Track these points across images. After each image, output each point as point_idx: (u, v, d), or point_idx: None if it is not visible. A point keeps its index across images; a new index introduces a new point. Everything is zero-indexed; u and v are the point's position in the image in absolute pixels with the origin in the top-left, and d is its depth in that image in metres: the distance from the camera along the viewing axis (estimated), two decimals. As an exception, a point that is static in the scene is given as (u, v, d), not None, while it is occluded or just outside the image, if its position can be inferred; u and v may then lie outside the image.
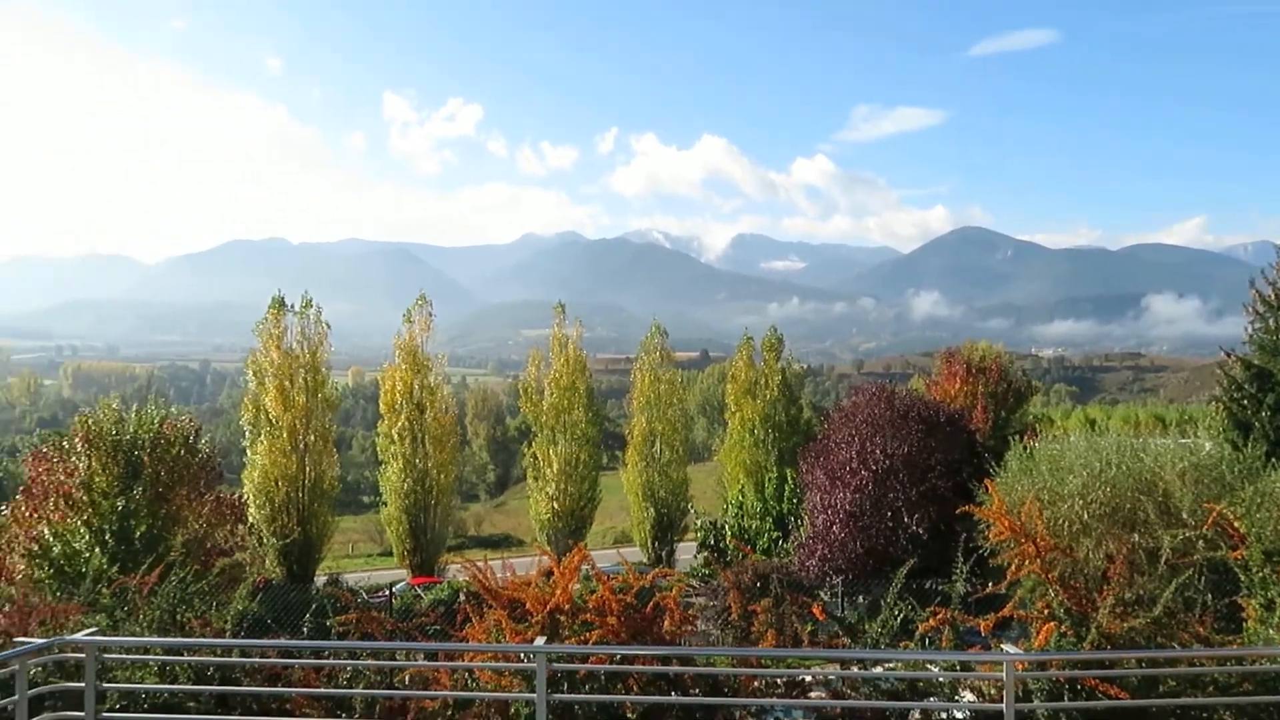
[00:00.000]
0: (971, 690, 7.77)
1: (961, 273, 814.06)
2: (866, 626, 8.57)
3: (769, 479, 36.23)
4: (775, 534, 33.20)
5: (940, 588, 13.55)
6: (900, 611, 8.24)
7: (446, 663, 8.33)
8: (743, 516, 35.74)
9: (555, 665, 7.11)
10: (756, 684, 7.94)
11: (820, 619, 9.02)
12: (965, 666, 7.57)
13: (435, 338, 39.16)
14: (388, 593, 24.71)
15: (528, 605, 8.48)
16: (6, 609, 14.17)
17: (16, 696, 5.59)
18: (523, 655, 7.34)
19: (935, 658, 7.67)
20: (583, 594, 8.94)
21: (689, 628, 9.01)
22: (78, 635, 6.23)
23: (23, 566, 18.90)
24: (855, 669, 8.33)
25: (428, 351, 38.27)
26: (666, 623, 8.51)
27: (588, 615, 8.39)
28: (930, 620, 7.90)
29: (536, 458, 39.78)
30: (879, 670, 7.94)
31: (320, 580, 32.60)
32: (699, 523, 38.81)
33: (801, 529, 25.88)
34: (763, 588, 14.93)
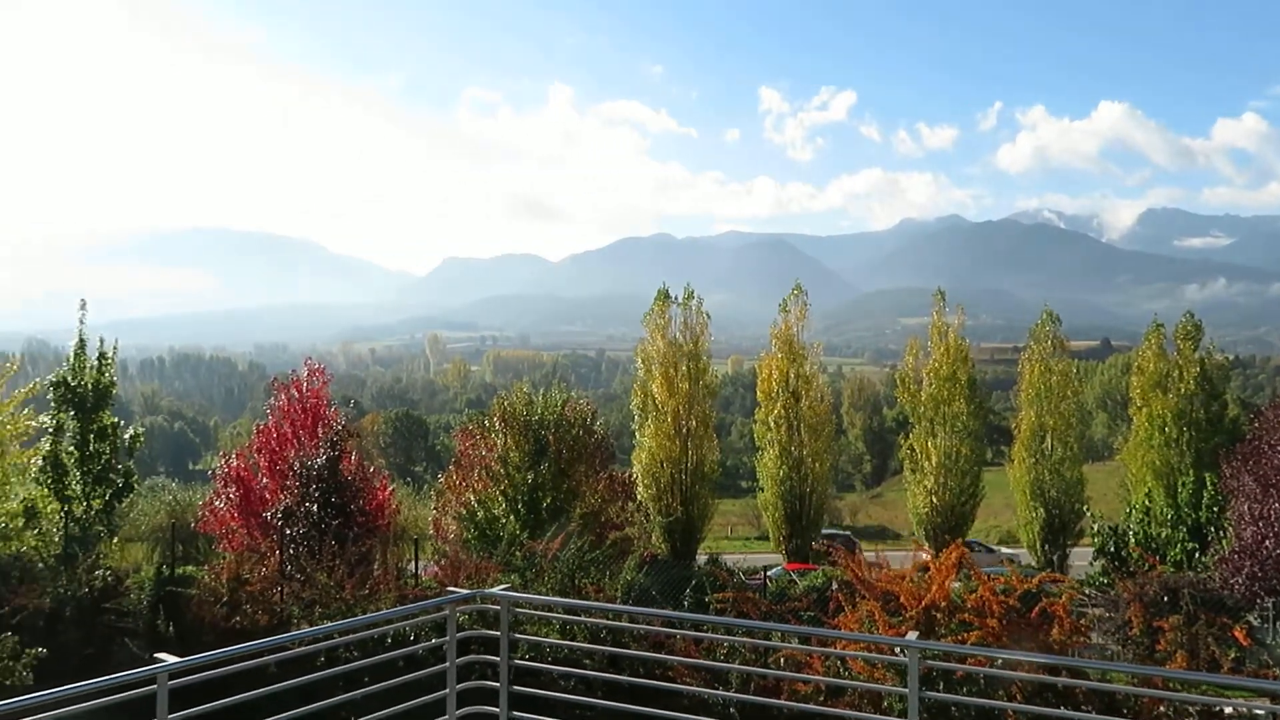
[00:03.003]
0: None
1: None
2: (1306, 659, 7.38)
3: (1183, 483, 32.27)
4: (1190, 545, 29.53)
5: None
6: (1352, 645, 7.00)
7: (819, 648, 8.39)
8: (1149, 523, 32.16)
9: (929, 662, 6.90)
10: (1162, 709, 7.15)
11: (1245, 645, 7.91)
12: None
13: (811, 326, 39.44)
14: (763, 576, 25.36)
15: (902, 599, 8.31)
16: (441, 562, 16.46)
17: (447, 637, 6.51)
18: (895, 649, 7.20)
19: (1401, 705, 6.42)
20: (961, 592, 8.60)
21: (1080, 639, 8.33)
22: (495, 590, 7.10)
23: (454, 527, 21.84)
24: (1290, 706, 7.19)
25: (803, 340, 38.69)
26: (1054, 631, 7.93)
27: (965, 615, 8.05)
28: (1395, 659, 6.62)
29: (914, 449, 38.65)
30: (1322, 711, 6.80)
31: (701, 559, 34.25)
32: (1095, 527, 35.53)
33: (1224, 541, 22.75)
34: (1171, 604, 13.33)
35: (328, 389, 22.57)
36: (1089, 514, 38.20)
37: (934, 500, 37.54)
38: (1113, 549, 31.95)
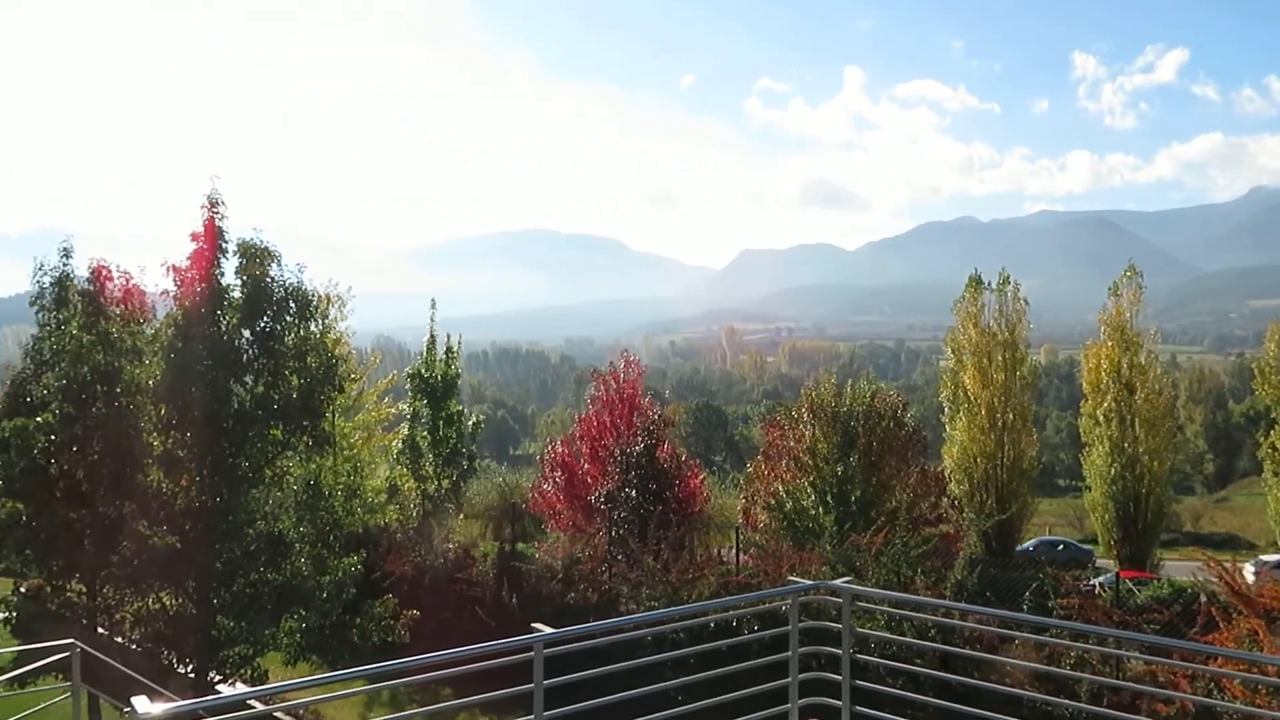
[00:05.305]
0: None
1: None
2: None
3: None
4: None
5: None
6: None
7: (1183, 663, 7.61)
8: None
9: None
10: None
11: None
12: None
13: (1142, 311, 35.99)
14: (1095, 583, 23.36)
15: (1292, 617, 7.35)
16: (751, 551, 16.64)
17: (789, 626, 6.55)
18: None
19: None
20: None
21: None
22: (837, 582, 7.06)
23: (764, 517, 22.06)
24: None
25: (1137, 326, 35.34)
26: None
27: (1377, 640, 6.98)
28: None
29: (1276, 449, 34.11)
30: None
31: (1019, 560, 32.28)
32: None
33: None
34: None
35: (641, 380, 23.61)
36: None
37: (1302, 507, 32.96)
38: None
